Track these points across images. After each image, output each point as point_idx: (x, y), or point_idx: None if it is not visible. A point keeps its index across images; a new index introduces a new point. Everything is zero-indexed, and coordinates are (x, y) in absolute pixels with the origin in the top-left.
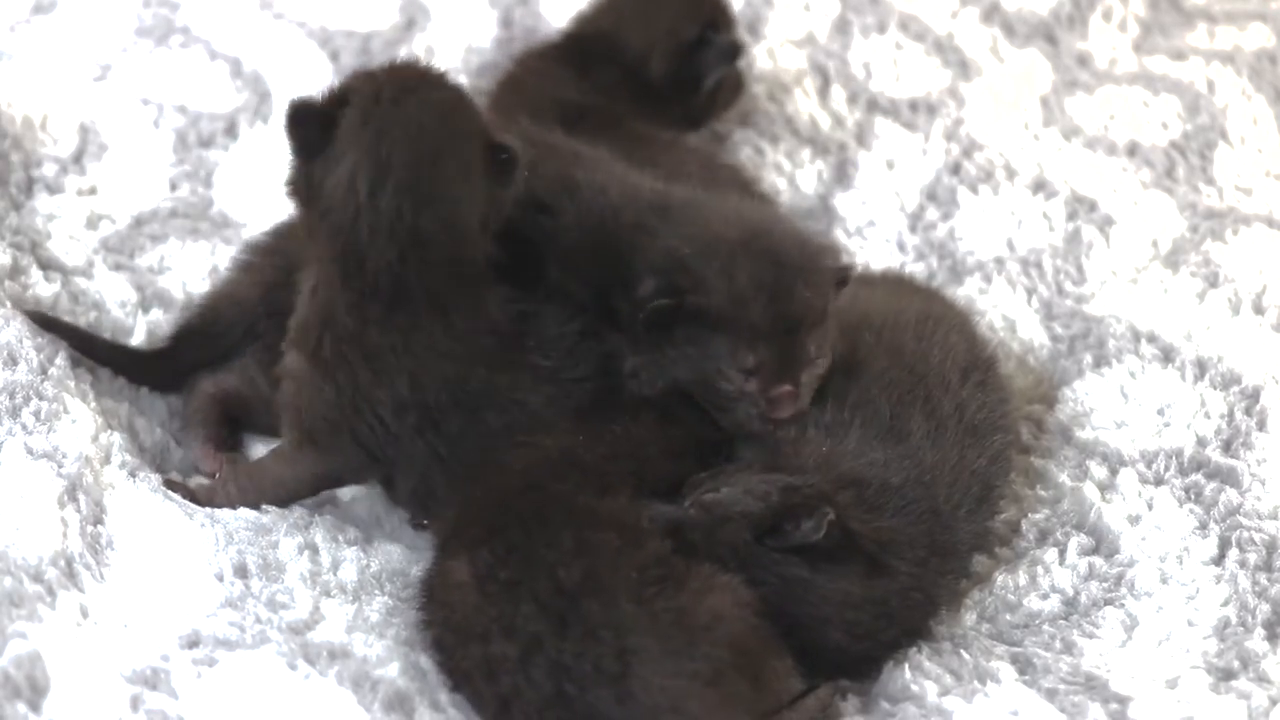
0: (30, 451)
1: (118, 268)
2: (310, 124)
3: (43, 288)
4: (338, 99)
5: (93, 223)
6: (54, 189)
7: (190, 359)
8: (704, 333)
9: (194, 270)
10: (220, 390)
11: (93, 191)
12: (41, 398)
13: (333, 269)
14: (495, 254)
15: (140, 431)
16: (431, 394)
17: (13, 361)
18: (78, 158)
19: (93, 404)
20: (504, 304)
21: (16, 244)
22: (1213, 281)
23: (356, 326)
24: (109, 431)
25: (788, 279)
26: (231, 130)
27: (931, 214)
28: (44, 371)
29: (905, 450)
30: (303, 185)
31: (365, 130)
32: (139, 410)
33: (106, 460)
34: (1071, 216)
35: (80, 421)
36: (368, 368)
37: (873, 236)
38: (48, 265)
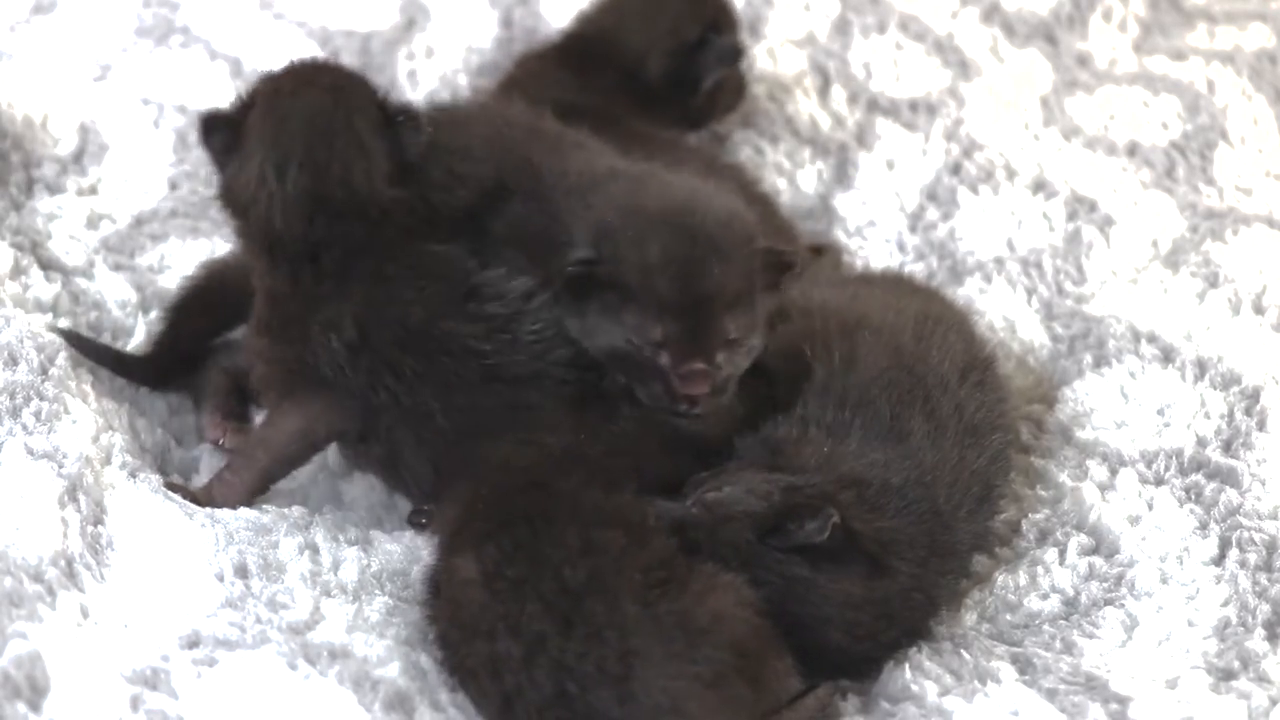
0: (30, 452)
1: (118, 268)
2: (220, 132)
3: (43, 288)
4: (244, 105)
5: (93, 222)
6: (54, 189)
7: (195, 328)
8: (616, 302)
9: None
10: (233, 364)
11: (93, 191)
12: (42, 398)
13: (263, 258)
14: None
15: (140, 432)
16: (377, 334)
17: (13, 362)
18: (78, 158)
19: (93, 404)
20: (452, 257)
21: (17, 244)
22: (1213, 281)
23: (294, 289)
24: (109, 432)
25: (700, 254)
26: None
27: (932, 214)
28: (44, 372)
29: (906, 450)
30: (225, 192)
31: (267, 124)
32: (139, 411)
33: (107, 461)
34: (1071, 216)
35: (81, 422)
36: (315, 320)
37: (873, 236)
38: (48, 265)
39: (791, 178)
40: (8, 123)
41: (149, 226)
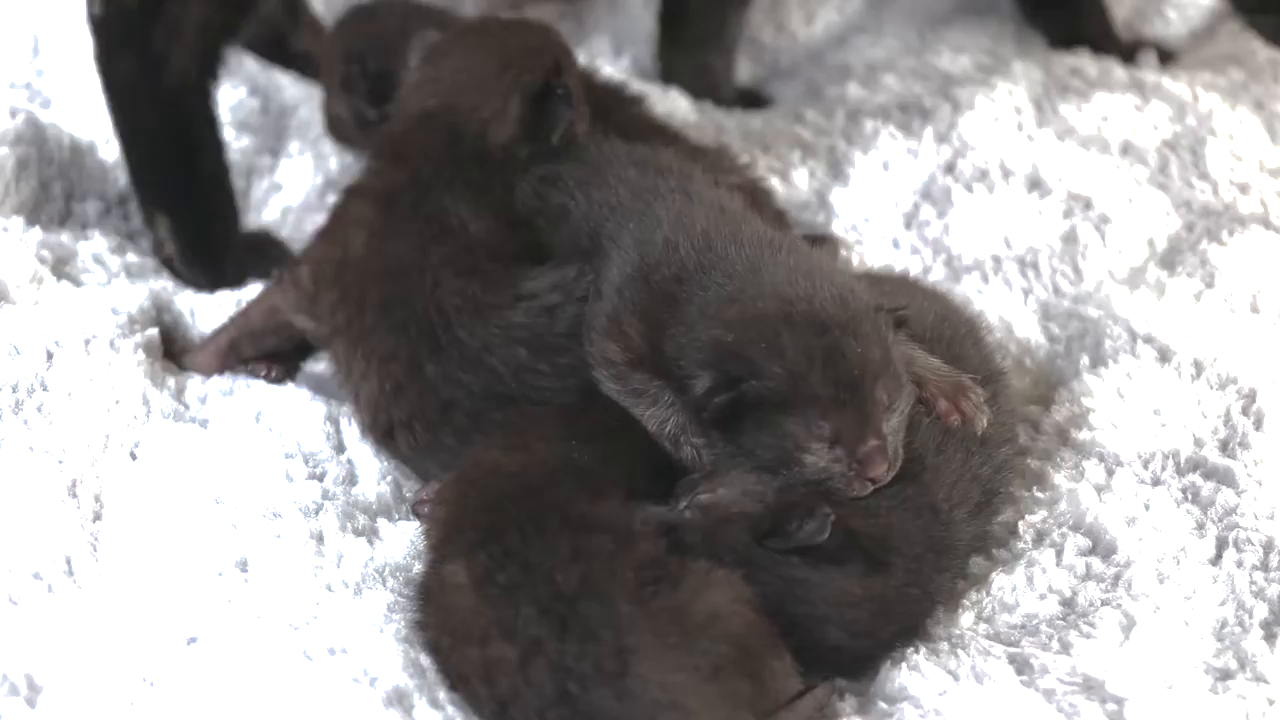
0: (31, 448)
1: (133, 284)
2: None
3: (54, 289)
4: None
5: (119, 249)
6: (88, 225)
7: None
8: (772, 415)
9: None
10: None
11: (129, 238)
12: (45, 388)
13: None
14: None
15: (152, 400)
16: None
17: (16, 353)
18: (123, 200)
19: (102, 381)
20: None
21: (41, 258)
22: (1209, 282)
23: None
24: (116, 406)
25: (835, 340)
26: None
27: (927, 212)
28: (49, 358)
29: (907, 451)
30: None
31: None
32: (154, 383)
33: (107, 446)
34: (1067, 214)
35: (84, 408)
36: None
37: (869, 233)
38: (65, 278)
39: (785, 175)
40: (54, 148)
41: None
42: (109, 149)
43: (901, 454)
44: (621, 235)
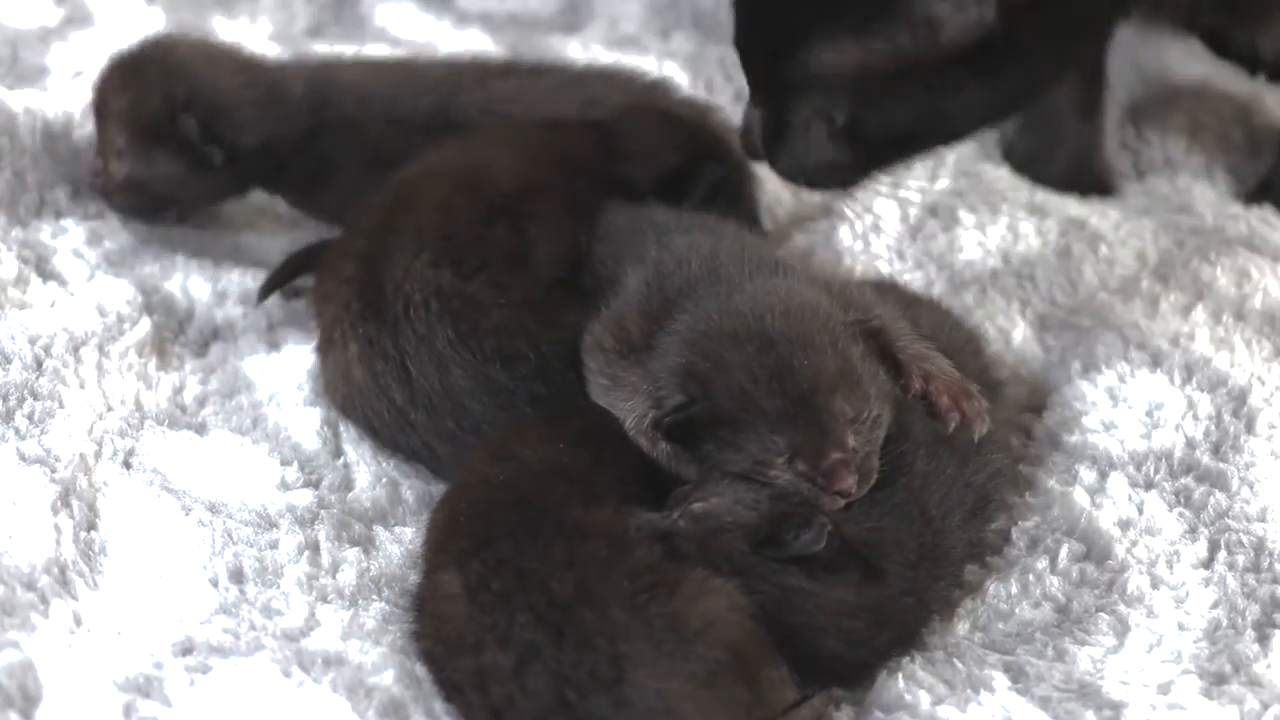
0: (23, 457)
1: (118, 276)
2: None
3: (40, 290)
4: None
5: (95, 240)
6: (62, 213)
7: None
8: (728, 434)
9: (196, 280)
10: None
11: (99, 216)
12: (36, 396)
13: None
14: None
15: (145, 405)
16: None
17: (6, 361)
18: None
19: (95, 388)
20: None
21: (23, 257)
22: (1199, 295)
23: None
24: (108, 414)
25: (781, 353)
26: None
27: (931, 226)
28: (39, 366)
29: (898, 460)
30: None
31: None
32: (148, 385)
33: (99, 454)
34: (1063, 234)
35: (75, 415)
36: None
37: (874, 242)
38: (49, 277)
39: (795, 190)
40: (26, 135)
41: (153, 247)
42: (83, 130)
43: (877, 465)
44: (644, 255)
